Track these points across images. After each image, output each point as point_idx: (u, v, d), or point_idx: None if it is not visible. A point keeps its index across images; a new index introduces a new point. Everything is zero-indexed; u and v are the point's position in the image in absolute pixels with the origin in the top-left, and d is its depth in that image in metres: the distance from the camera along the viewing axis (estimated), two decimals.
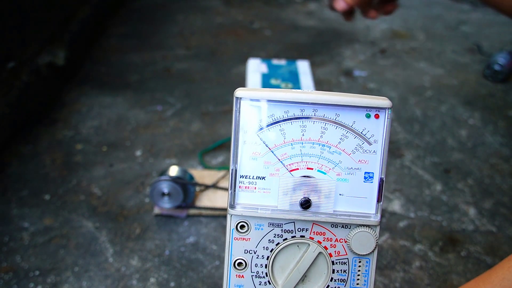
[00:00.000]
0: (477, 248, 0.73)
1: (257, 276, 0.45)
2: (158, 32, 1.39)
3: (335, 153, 0.43)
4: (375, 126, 0.43)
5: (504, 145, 0.98)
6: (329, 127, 0.43)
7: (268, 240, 0.45)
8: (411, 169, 0.90)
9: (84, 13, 1.25)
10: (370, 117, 0.43)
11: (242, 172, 0.44)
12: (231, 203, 0.44)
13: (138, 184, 0.83)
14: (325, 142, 0.43)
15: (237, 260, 0.45)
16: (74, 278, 0.66)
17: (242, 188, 0.44)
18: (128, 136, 0.95)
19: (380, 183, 0.44)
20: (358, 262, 0.45)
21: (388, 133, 0.43)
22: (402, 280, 0.67)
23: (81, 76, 1.15)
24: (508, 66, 1.19)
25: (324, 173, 0.44)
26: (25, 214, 0.75)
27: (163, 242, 0.72)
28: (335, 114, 0.43)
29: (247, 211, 0.44)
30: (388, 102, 0.42)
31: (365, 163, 0.43)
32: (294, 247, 0.45)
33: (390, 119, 0.42)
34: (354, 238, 0.44)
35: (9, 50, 0.92)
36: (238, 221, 0.44)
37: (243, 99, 0.43)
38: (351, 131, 0.43)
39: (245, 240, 0.45)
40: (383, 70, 1.24)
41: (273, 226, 0.44)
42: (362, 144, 0.43)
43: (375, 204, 0.44)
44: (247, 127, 0.43)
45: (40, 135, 0.93)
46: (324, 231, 0.44)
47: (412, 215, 0.79)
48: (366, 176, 0.44)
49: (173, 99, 1.06)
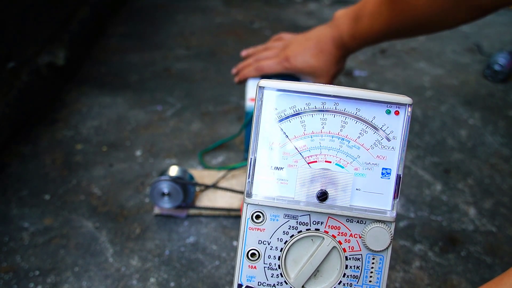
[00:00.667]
0: (477, 248, 0.73)
1: (269, 268, 0.45)
2: (158, 32, 1.39)
3: (354, 148, 0.43)
4: (395, 123, 0.43)
5: (504, 145, 0.98)
6: (349, 121, 0.43)
7: (283, 232, 0.45)
8: (411, 169, 0.90)
9: (84, 13, 1.25)
10: (390, 113, 0.43)
11: (260, 162, 0.44)
12: (248, 191, 0.44)
13: (138, 184, 0.83)
14: (344, 136, 0.43)
15: (251, 251, 0.45)
16: (74, 278, 0.66)
17: (260, 177, 0.44)
18: (128, 136, 0.95)
19: (397, 179, 0.44)
20: (372, 258, 0.45)
21: (407, 130, 0.43)
22: (402, 280, 0.67)
23: (81, 76, 1.15)
24: (508, 66, 1.20)
25: (342, 166, 0.44)
26: (25, 214, 0.75)
27: (163, 242, 0.72)
28: (355, 108, 0.43)
29: (264, 201, 0.44)
30: (409, 99, 0.42)
31: (383, 159, 0.44)
32: (308, 241, 0.45)
33: (410, 116, 0.43)
34: (369, 234, 0.44)
35: (9, 50, 0.92)
36: (254, 211, 0.44)
37: (266, 88, 0.43)
38: (370, 126, 0.43)
39: (260, 231, 0.45)
40: (383, 70, 1.24)
41: (289, 217, 0.44)
42: (381, 140, 0.43)
43: (392, 201, 0.44)
44: (268, 117, 0.43)
45: (40, 135, 0.93)
46: (339, 225, 0.44)
47: (412, 215, 0.79)
48: (384, 172, 0.44)
49: (173, 99, 1.06)
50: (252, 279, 0.46)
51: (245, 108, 0.84)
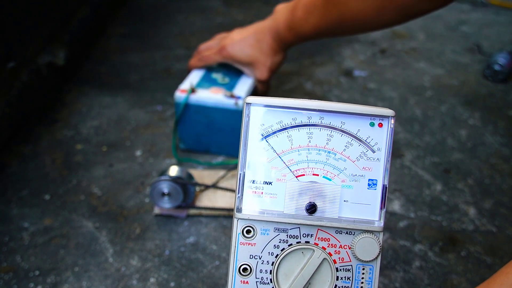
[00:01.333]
0: (477, 248, 0.73)
1: (261, 282, 0.46)
2: (158, 32, 1.39)
3: (340, 160, 0.45)
4: (378, 134, 0.44)
5: (504, 145, 0.98)
6: (335, 135, 0.44)
7: (274, 246, 0.45)
8: (411, 169, 0.90)
9: (84, 13, 1.25)
10: (374, 125, 0.44)
11: (250, 177, 0.45)
12: (238, 206, 0.45)
13: (138, 184, 0.83)
14: (330, 149, 0.45)
15: (242, 266, 0.45)
16: (74, 278, 0.66)
17: (249, 192, 0.45)
18: (128, 136, 0.95)
19: (383, 190, 0.45)
20: (361, 269, 0.45)
21: (390, 141, 0.44)
22: (402, 280, 0.67)
23: (81, 76, 1.15)
24: (508, 66, 1.19)
25: (329, 179, 0.45)
26: (25, 214, 0.75)
27: (163, 242, 0.72)
28: (340, 122, 0.44)
29: (254, 215, 0.45)
30: (391, 111, 0.44)
31: (369, 170, 0.45)
32: (298, 254, 0.45)
33: (393, 128, 0.44)
34: (358, 244, 0.44)
35: (9, 50, 0.92)
36: (244, 226, 0.45)
37: (253, 105, 0.44)
38: (355, 139, 0.44)
39: (251, 245, 0.45)
40: (383, 70, 1.24)
41: (279, 231, 0.45)
42: (366, 151, 0.44)
43: (379, 211, 0.45)
44: (256, 133, 0.45)
45: (40, 135, 0.93)
46: (329, 237, 0.45)
47: (412, 215, 0.79)
48: (370, 183, 0.45)
49: (173, 99, 1.06)
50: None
51: (174, 99, 0.87)
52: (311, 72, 1.21)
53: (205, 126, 0.87)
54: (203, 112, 0.86)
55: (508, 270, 0.44)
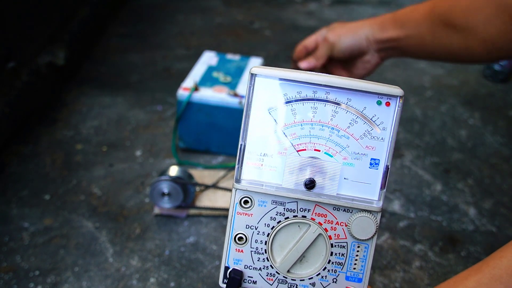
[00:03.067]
0: (477, 248, 0.73)
1: (256, 252, 0.46)
2: (158, 32, 1.39)
3: (343, 137, 0.44)
4: (385, 114, 0.43)
5: (504, 145, 0.98)
6: (340, 111, 0.43)
7: (270, 218, 0.45)
8: (411, 169, 0.90)
9: (84, 13, 1.25)
10: (381, 104, 0.43)
11: (250, 148, 0.44)
12: (237, 177, 0.44)
13: (138, 184, 0.83)
14: (334, 125, 0.43)
15: (238, 235, 0.45)
16: (74, 278, 0.66)
17: (249, 163, 0.44)
18: (128, 136, 0.95)
19: (386, 170, 0.44)
20: (357, 246, 0.45)
21: (397, 121, 0.43)
22: (402, 280, 0.67)
23: (81, 76, 1.15)
24: (508, 66, 1.19)
25: (331, 155, 0.44)
26: (25, 214, 0.75)
27: (163, 242, 0.72)
28: (346, 98, 0.43)
29: (252, 187, 0.44)
30: (400, 91, 0.42)
31: (372, 149, 0.44)
32: (295, 227, 0.45)
33: (401, 108, 0.43)
34: (354, 223, 0.44)
35: (9, 50, 0.92)
36: (242, 196, 0.45)
37: (258, 75, 0.43)
38: (361, 116, 0.43)
39: (248, 216, 0.45)
40: (383, 70, 1.24)
41: (276, 204, 0.45)
42: (371, 130, 0.43)
43: (379, 191, 0.44)
44: (259, 104, 0.44)
45: (40, 135, 0.93)
46: (326, 213, 0.45)
47: (412, 215, 0.79)
48: (372, 162, 0.44)
49: (173, 99, 1.06)
50: (239, 262, 0.46)
51: (176, 97, 0.86)
52: None
53: (206, 125, 0.87)
54: (205, 110, 0.86)
55: (502, 253, 0.44)
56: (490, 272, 0.43)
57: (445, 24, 0.76)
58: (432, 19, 0.77)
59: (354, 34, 0.83)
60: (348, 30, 0.83)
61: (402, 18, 0.81)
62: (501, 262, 0.43)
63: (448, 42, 0.76)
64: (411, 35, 0.80)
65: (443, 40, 0.77)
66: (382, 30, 0.82)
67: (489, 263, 0.44)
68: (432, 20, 0.77)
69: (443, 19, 0.76)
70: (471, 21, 0.74)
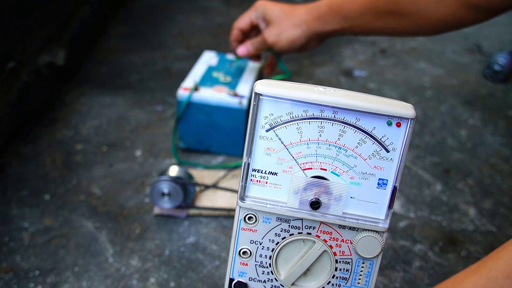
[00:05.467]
0: (477, 248, 0.73)
1: (260, 266, 0.46)
2: (158, 32, 1.39)
3: (351, 157, 0.42)
4: (395, 134, 0.41)
5: (504, 145, 0.98)
6: (348, 131, 0.42)
7: (275, 234, 0.45)
8: (411, 169, 0.90)
9: (84, 13, 1.25)
10: (392, 124, 0.41)
11: (254, 166, 0.43)
12: (241, 195, 0.44)
13: (138, 184, 0.83)
14: (342, 145, 0.42)
15: (242, 249, 0.45)
16: (74, 278, 0.66)
17: (253, 181, 0.44)
18: (128, 136, 0.95)
19: (393, 190, 0.43)
20: (361, 263, 0.45)
21: (408, 143, 0.41)
22: (402, 280, 0.67)
23: (81, 76, 1.15)
24: (508, 66, 1.19)
25: (337, 175, 0.43)
26: (25, 214, 0.75)
27: (163, 242, 0.72)
28: (355, 118, 0.41)
29: (256, 205, 0.44)
30: (412, 112, 0.40)
31: (381, 169, 0.42)
32: (299, 242, 0.45)
33: (412, 129, 0.41)
34: (360, 242, 0.44)
35: (9, 50, 0.92)
36: (246, 213, 0.44)
37: (263, 94, 0.41)
38: (370, 136, 0.42)
39: (252, 231, 0.45)
40: (383, 70, 1.24)
41: (281, 221, 0.44)
42: (380, 150, 0.42)
43: (386, 210, 0.43)
44: (264, 122, 0.42)
45: (40, 135, 0.93)
46: (331, 230, 0.44)
47: (412, 215, 0.79)
48: (380, 182, 0.43)
49: (173, 99, 1.06)
50: (244, 274, 0.46)
51: (176, 97, 0.86)
52: (311, 72, 1.21)
53: (206, 125, 0.87)
54: (205, 110, 0.86)
55: (499, 255, 0.44)
56: (487, 274, 0.43)
57: (392, 12, 0.76)
58: (376, 8, 0.77)
59: (293, 34, 0.83)
60: (287, 28, 0.83)
61: (340, 9, 0.80)
62: (497, 263, 0.43)
63: (399, 26, 0.77)
64: (357, 24, 0.80)
65: (391, 24, 0.77)
66: (322, 24, 0.81)
67: (486, 265, 0.44)
68: (376, 9, 0.77)
69: (389, 8, 0.76)
70: (421, 5, 0.74)
